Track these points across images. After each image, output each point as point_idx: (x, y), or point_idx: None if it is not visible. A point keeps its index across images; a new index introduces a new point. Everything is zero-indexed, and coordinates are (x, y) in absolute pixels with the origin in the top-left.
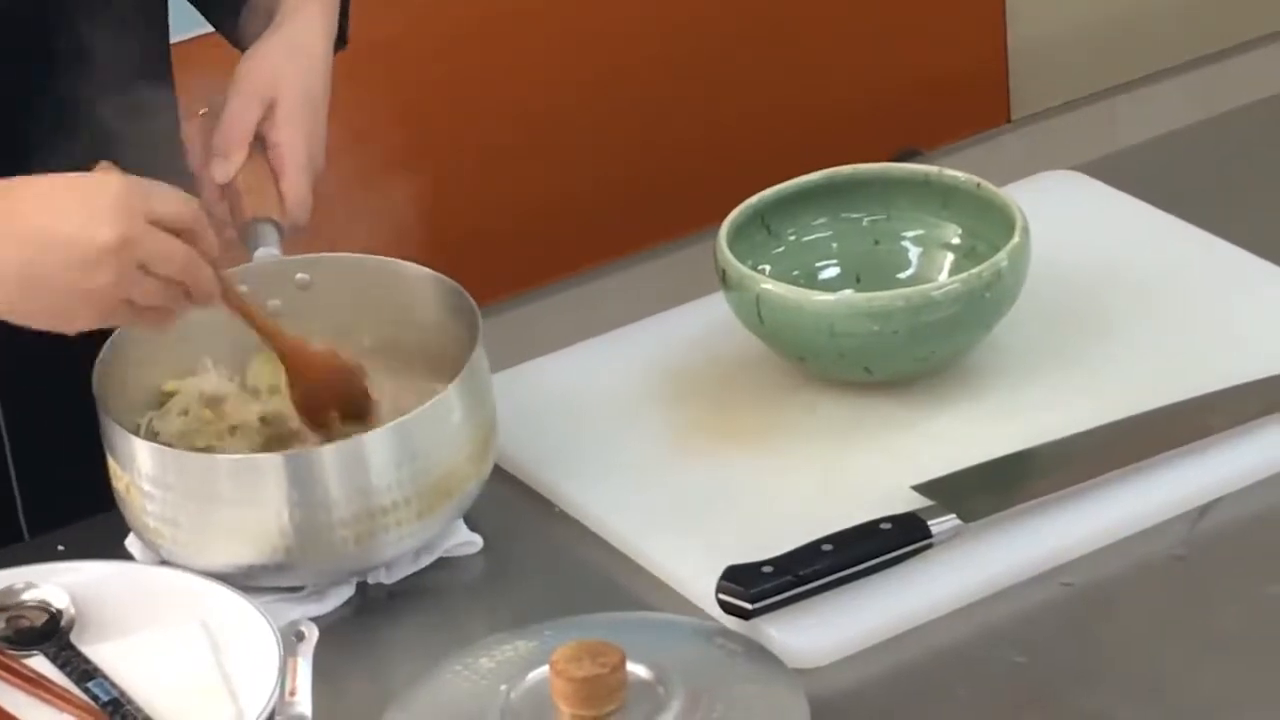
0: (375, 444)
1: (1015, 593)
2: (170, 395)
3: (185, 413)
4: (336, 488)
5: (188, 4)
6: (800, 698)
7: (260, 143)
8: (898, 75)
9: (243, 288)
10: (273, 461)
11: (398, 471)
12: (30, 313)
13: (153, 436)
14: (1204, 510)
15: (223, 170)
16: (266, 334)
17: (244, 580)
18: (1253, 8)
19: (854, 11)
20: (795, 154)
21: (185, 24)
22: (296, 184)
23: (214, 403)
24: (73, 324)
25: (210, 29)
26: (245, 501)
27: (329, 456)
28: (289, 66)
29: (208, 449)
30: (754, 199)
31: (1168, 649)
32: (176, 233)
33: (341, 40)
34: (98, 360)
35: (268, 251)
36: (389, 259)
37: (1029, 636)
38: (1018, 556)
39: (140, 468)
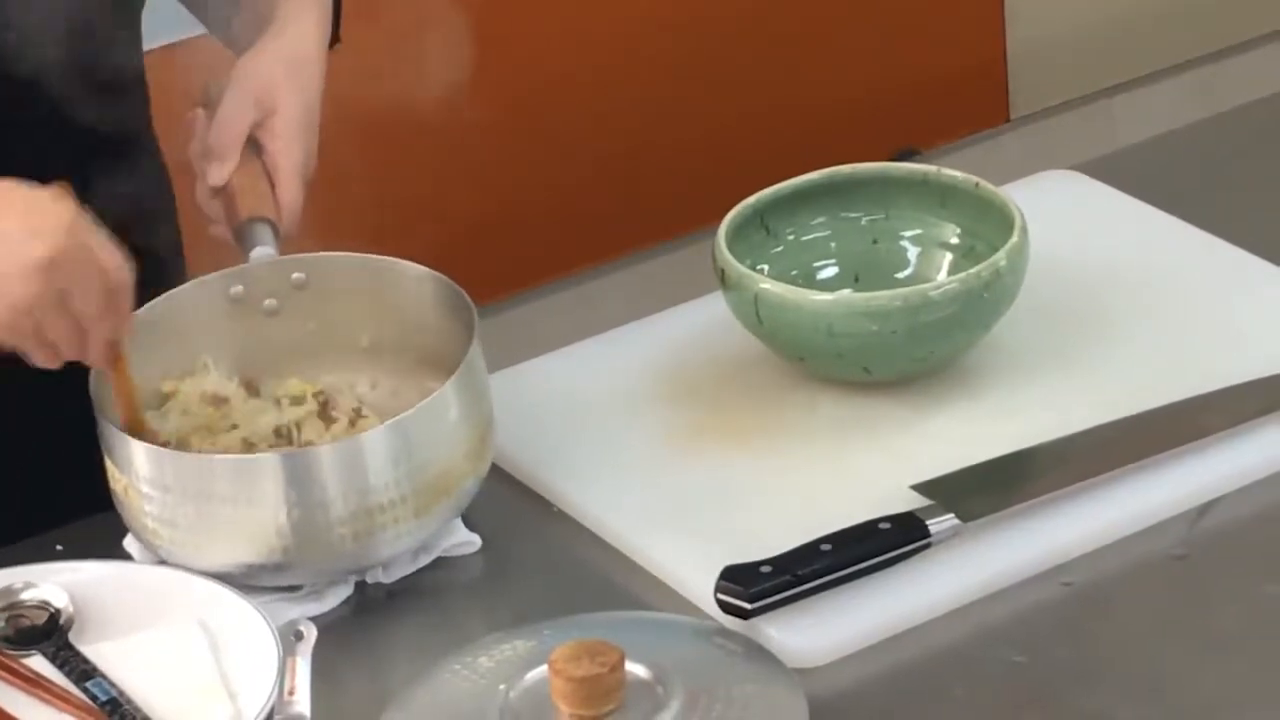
0: (372, 443)
1: (1014, 592)
2: (168, 396)
3: (185, 412)
4: (334, 486)
5: (163, 12)
6: (799, 697)
7: (254, 145)
8: (897, 75)
9: (238, 288)
10: (270, 461)
11: (395, 470)
12: None
13: (151, 436)
14: (1203, 510)
15: (218, 173)
16: (132, 419)
17: (243, 580)
18: (1252, 8)
19: (853, 11)
20: (794, 154)
21: (161, 31)
22: (291, 191)
23: (217, 401)
24: None
25: (184, 37)
26: (243, 501)
27: (326, 455)
28: (288, 80)
29: (209, 448)
30: (753, 199)
31: (1167, 649)
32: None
33: (334, 38)
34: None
35: (264, 251)
36: (386, 258)
37: (1028, 636)
38: (1017, 556)
39: (138, 469)
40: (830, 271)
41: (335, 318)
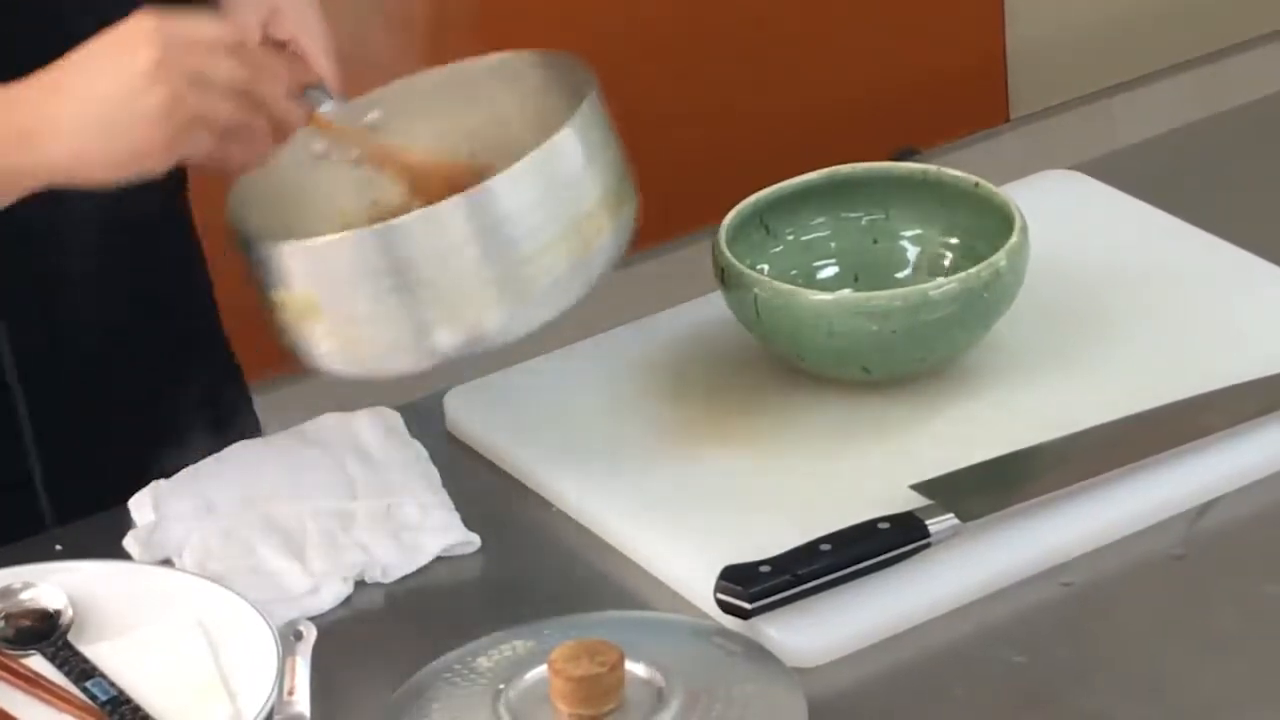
0: (503, 187)
1: (1014, 592)
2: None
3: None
4: (474, 238)
5: None
6: (799, 697)
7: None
8: (897, 75)
9: (319, 146)
10: (410, 222)
11: (530, 216)
12: (112, 159)
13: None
14: (1203, 509)
15: None
16: (381, 152)
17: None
18: (1252, 7)
19: (853, 11)
20: (794, 153)
21: None
22: (326, 66)
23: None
24: (152, 158)
25: None
26: (400, 271)
27: (457, 206)
28: None
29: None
30: (752, 198)
31: (1167, 649)
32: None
33: None
34: (229, 197)
35: (330, 105)
36: (461, 63)
37: (1028, 636)
38: (1016, 556)
39: (295, 274)
40: (830, 271)
41: (429, 143)
